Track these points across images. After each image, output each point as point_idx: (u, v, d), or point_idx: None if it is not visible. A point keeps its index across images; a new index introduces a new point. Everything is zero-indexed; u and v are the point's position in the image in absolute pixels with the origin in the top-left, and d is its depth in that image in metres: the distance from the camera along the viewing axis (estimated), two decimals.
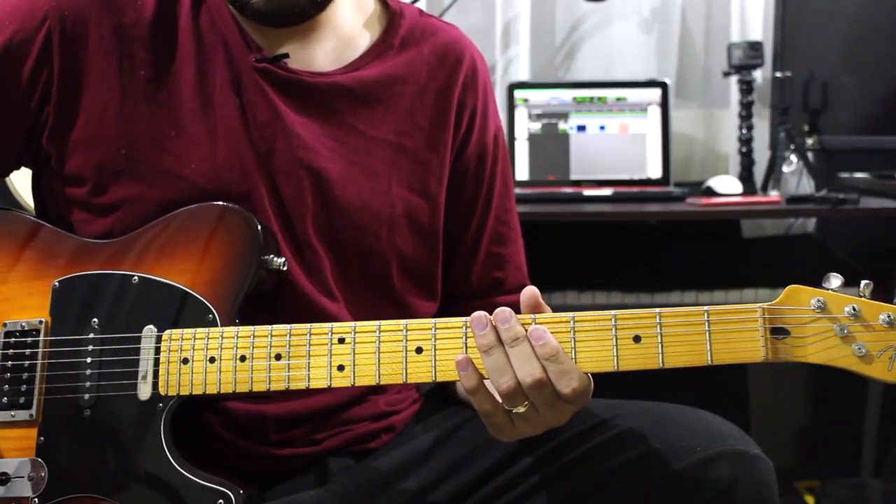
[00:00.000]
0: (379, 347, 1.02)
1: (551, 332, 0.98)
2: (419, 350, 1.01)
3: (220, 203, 1.11)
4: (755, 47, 2.44)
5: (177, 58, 1.15)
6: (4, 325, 1.10)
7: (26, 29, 1.12)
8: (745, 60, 2.44)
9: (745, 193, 2.37)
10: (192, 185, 1.12)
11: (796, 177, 2.46)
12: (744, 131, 2.48)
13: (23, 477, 1.05)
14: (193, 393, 1.04)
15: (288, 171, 1.16)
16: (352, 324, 1.03)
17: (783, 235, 2.63)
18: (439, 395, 1.31)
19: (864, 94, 2.58)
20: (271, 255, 1.10)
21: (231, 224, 1.10)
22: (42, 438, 1.07)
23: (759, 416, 2.57)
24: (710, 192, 2.32)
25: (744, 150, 2.48)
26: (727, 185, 2.35)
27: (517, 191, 2.27)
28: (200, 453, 1.07)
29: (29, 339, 1.09)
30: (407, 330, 1.02)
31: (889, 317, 0.96)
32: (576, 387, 0.97)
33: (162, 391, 1.05)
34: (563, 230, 2.33)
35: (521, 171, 2.38)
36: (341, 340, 1.03)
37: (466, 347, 1.00)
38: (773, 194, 2.36)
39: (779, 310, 0.98)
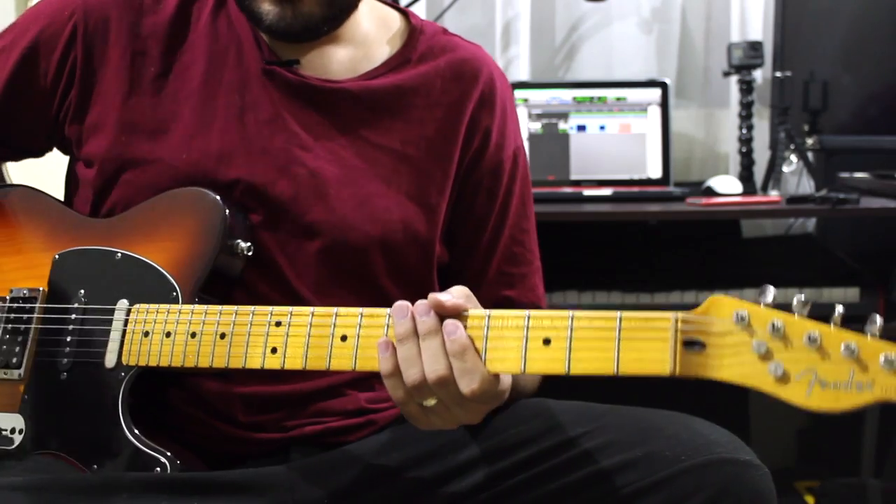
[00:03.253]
0: (309, 332, 1.04)
1: (467, 328, 0.96)
2: (344, 338, 1.02)
3: (199, 189, 1.17)
4: (755, 47, 2.44)
5: (189, 57, 1.22)
6: (10, 291, 1.20)
7: (55, 24, 1.23)
8: (745, 60, 2.44)
9: (745, 193, 2.37)
10: (182, 173, 1.18)
11: (796, 177, 2.46)
12: (744, 131, 2.48)
13: (6, 430, 1.14)
14: (150, 364, 1.11)
15: (283, 167, 1.19)
16: (289, 308, 1.06)
17: (783, 235, 2.64)
18: None
19: (864, 94, 2.58)
20: (237, 240, 1.15)
21: (202, 208, 1.16)
22: (26, 397, 1.16)
23: (759, 415, 2.57)
24: (710, 192, 2.32)
25: (744, 150, 2.48)
26: (727, 185, 2.35)
27: None
28: (172, 431, 1.14)
29: (27, 305, 1.19)
30: (336, 317, 1.03)
31: (812, 336, 0.84)
32: (474, 388, 0.95)
33: (124, 361, 1.12)
34: (563, 230, 2.33)
35: None
36: (278, 324, 1.06)
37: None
38: (773, 194, 2.36)
39: (695, 321, 0.89)
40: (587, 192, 2.33)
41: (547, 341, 0.94)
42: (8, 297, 1.20)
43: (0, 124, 1.28)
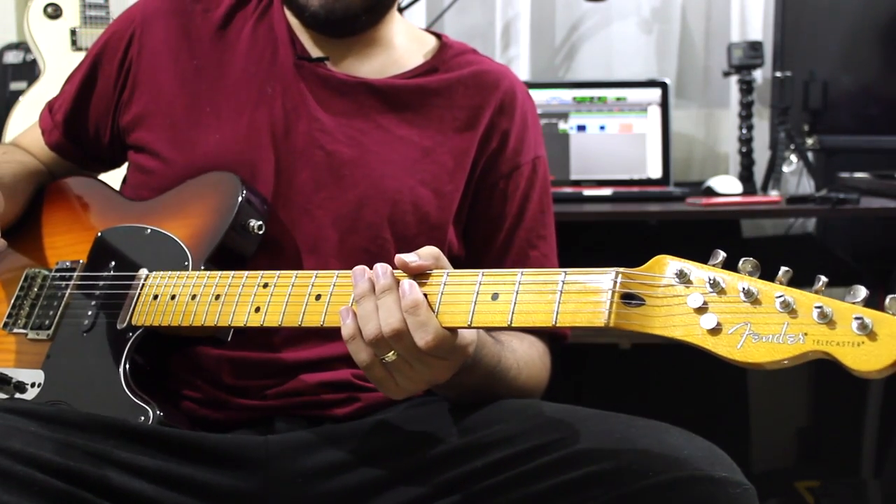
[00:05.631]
0: (290, 292, 1.10)
1: (425, 286, 1.02)
2: (318, 297, 1.08)
3: (225, 172, 1.27)
4: (755, 47, 2.45)
5: (229, 56, 1.34)
6: (57, 263, 1.34)
7: (120, 31, 1.39)
8: (745, 60, 2.44)
9: (745, 193, 2.37)
10: (213, 153, 1.29)
11: (796, 177, 2.46)
12: (744, 131, 2.48)
13: (27, 384, 1.24)
14: (154, 324, 1.19)
15: (304, 149, 1.28)
16: (277, 272, 1.13)
17: (783, 235, 2.64)
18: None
19: (864, 94, 2.58)
20: (249, 219, 1.23)
21: (223, 188, 1.25)
22: (49, 354, 1.25)
23: (759, 415, 2.57)
24: (710, 192, 2.33)
25: (744, 150, 2.48)
26: (727, 185, 2.35)
27: None
28: (168, 397, 1.22)
29: (66, 274, 1.31)
30: (316, 278, 1.10)
31: (748, 289, 0.84)
32: (429, 340, 0.99)
33: (133, 321, 1.20)
34: (563, 230, 2.33)
35: None
36: (265, 285, 1.13)
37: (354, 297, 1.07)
38: (773, 194, 2.36)
39: (636, 275, 0.91)
40: (587, 192, 2.34)
41: (495, 296, 0.99)
42: (54, 269, 1.33)
43: (74, 124, 1.43)
